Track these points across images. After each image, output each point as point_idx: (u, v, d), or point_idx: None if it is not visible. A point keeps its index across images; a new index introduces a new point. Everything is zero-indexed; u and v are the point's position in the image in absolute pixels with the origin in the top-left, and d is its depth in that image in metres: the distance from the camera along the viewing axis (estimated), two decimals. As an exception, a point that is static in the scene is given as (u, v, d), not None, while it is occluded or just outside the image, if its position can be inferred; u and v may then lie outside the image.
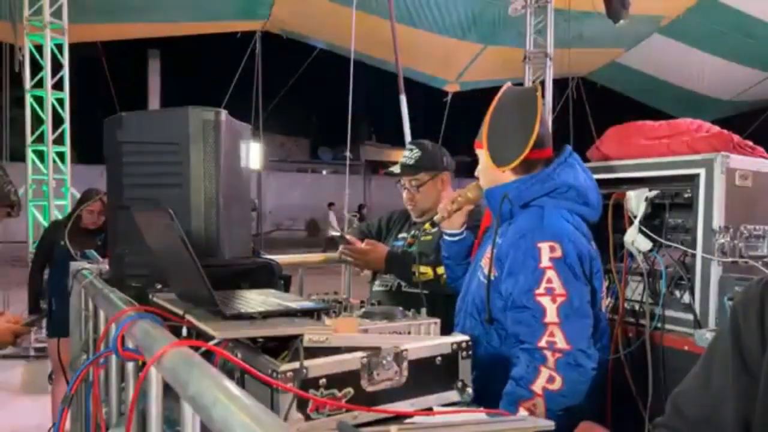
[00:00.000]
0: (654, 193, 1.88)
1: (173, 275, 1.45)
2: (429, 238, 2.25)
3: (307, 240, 22.43)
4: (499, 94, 1.68)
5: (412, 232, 2.35)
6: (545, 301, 1.45)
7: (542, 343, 1.44)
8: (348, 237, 2.38)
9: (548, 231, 1.51)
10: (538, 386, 1.44)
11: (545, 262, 1.47)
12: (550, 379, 1.43)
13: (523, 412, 1.45)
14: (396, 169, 2.33)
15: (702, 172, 1.77)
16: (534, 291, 1.46)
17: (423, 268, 2.12)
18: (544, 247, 1.48)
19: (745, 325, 0.85)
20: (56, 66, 6.63)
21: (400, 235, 2.41)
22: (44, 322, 4.19)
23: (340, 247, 2.36)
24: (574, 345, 1.44)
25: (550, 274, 1.46)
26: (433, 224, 1.98)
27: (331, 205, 18.53)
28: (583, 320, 1.49)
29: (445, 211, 1.81)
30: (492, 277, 1.57)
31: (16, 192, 2.18)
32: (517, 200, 1.59)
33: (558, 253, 1.48)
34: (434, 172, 2.28)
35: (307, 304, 1.35)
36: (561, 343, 1.43)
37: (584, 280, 1.51)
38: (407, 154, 2.32)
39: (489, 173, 1.67)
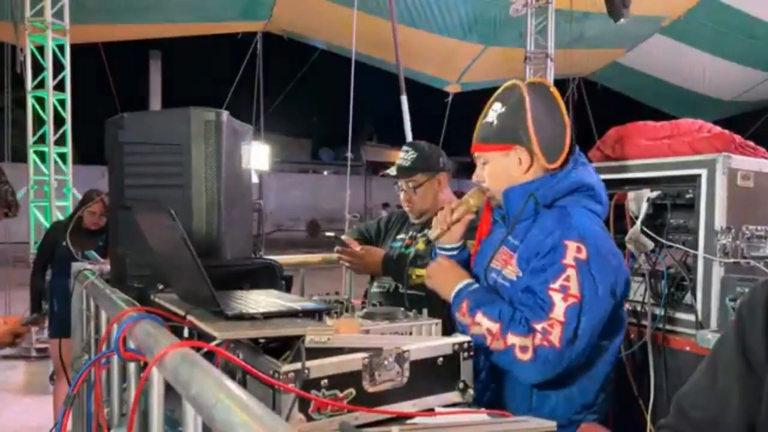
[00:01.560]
0: (655, 193, 1.88)
1: (175, 276, 1.45)
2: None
3: (307, 240, 22.43)
4: (523, 89, 1.58)
5: (410, 233, 2.35)
6: (557, 297, 1.41)
7: (538, 327, 1.41)
8: (344, 238, 2.38)
9: (576, 230, 1.47)
10: (510, 340, 1.41)
11: (569, 260, 1.43)
12: (524, 349, 1.40)
13: (483, 320, 1.45)
14: (392, 171, 2.33)
15: (704, 172, 1.77)
16: (549, 283, 1.43)
17: (418, 271, 2.12)
18: (571, 245, 1.45)
19: (750, 327, 0.85)
20: (58, 67, 6.64)
21: (399, 236, 2.41)
22: (45, 322, 4.20)
23: (336, 248, 2.35)
24: (566, 346, 1.40)
25: (570, 272, 1.42)
26: (428, 241, 1.75)
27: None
28: (586, 331, 1.45)
29: (445, 224, 1.70)
30: (515, 278, 1.53)
31: (13, 192, 2.18)
32: (543, 199, 1.54)
33: (583, 255, 1.44)
34: (431, 173, 2.28)
35: (308, 304, 1.35)
36: (555, 338, 1.39)
37: (602, 289, 1.45)
38: (403, 156, 2.32)
39: (508, 174, 1.59)
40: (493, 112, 1.61)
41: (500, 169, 1.60)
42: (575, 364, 1.45)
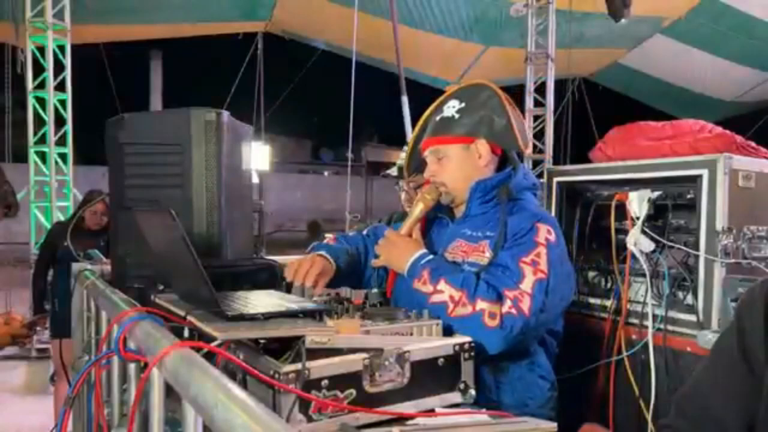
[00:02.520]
0: (657, 194, 1.88)
1: (175, 276, 1.45)
2: None
3: (308, 241, 22.42)
4: (495, 87, 1.68)
5: None
6: (527, 269, 1.44)
7: (510, 294, 1.42)
8: None
9: (546, 218, 1.57)
10: (480, 305, 1.41)
11: (541, 239, 1.49)
12: (492, 316, 1.40)
13: (446, 288, 1.44)
14: (393, 171, 2.34)
15: (705, 173, 1.76)
16: (520, 257, 1.46)
17: None
18: (543, 227, 1.51)
19: (749, 326, 0.85)
20: (58, 67, 6.64)
21: None
22: (47, 323, 4.20)
23: None
24: (533, 318, 1.41)
25: (541, 250, 1.47)
26: None
27: None
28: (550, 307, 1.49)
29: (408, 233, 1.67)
30: (486, 262, 1.54)
31: (13, 192, 2.18)
32: (514, 189, 1.60)
33: (552, 238, 1.51)
34: None
35: (309, 305, 1.35)
36: (525, 307, 1.41)
37: (565, 271, 1.52)
38: (403, 156, 2.32)
39: (467, 167, 1.63)
40: (450, 108, 1.68)
41: (459, 163, 1.65)
42: (533, 339, 1.51)
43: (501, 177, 1.63)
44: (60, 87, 6.69)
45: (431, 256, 1.57)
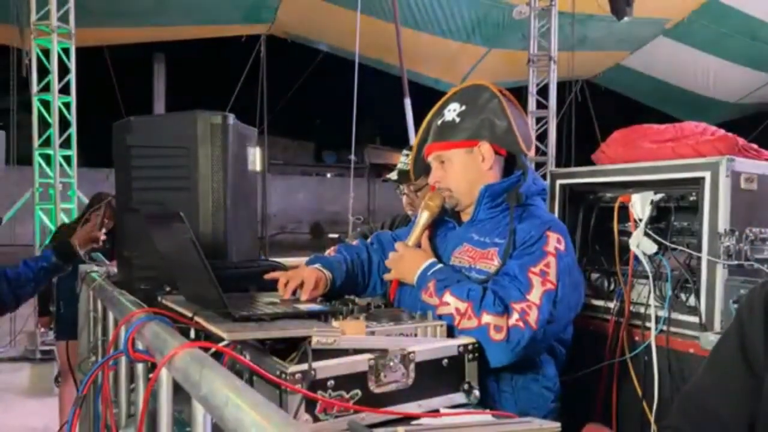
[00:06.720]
0: (659, 196, 1.89)
1: (182, 277, 1.46)
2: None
3: (311, 243, 22.43)
4: (493, 88, 1.66)
5: None
6: (536, 280, 1.43)
7: (517, 307, 1.40)
8: (347, 242, 2.39)
9: (557, 226, 1.54)
10: (485, 319, 1.38)
11: (551, 248, 1.47)
12: (498, 329, 1.37)
13: (452, 300, 1.41)
14: (393, 175, 2.35)
15: (707, 175, 1.77)
16: (529, 267, 1.44)
17: None
18: (553, 236, 1.49)
19: (750, 327, 0.86)
20: (63, 70, 6.67)
21: None
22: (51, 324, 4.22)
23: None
24: (541, 330, 1.40)
25: (551, 260, 1.46)
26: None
27: None
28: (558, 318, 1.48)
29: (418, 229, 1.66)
30: (494, 270, 1.52)
31: None
32: (524, 194, 1.58)
33: (562, 247, 1.49)
34: None
35: (314, 306, 1.36)
36: (532, 319, 1.39)
37: (574, 281, 1.51)
38: (404, 160, 2.33)
39: (471, 171, 1.62)
40: (451, 111, 1.66)
41: (462, 167, 1.63)
42: (540, 350, 1.49)
43: (510, 182, 1.61)
44: (64, 90, 6.71)
45: (438, 267, 1.54)
